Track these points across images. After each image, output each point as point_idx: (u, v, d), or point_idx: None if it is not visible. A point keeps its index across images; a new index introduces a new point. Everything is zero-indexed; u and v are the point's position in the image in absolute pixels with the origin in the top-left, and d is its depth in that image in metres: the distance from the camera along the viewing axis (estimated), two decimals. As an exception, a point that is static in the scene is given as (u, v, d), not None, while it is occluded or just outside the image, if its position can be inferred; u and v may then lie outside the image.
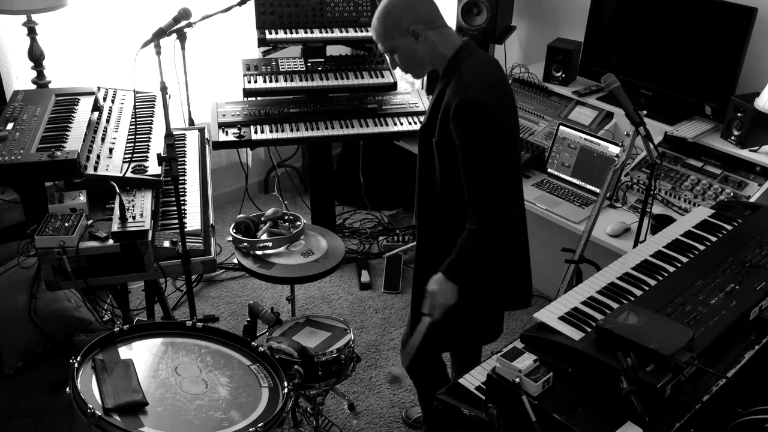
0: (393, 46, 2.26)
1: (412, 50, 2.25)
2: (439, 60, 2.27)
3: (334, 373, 2.49)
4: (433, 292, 2.25)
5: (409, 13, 2.22)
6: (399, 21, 2.21)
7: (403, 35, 2.22)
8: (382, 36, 2.28)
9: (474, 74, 2.19)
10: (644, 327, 1.64)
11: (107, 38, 3.66)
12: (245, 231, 2.86)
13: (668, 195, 3.17)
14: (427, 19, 2.23)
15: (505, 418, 1.67)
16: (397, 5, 2.23)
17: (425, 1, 2.25)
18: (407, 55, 2.27)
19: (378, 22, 2.27)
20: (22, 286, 2.97)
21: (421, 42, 2.22)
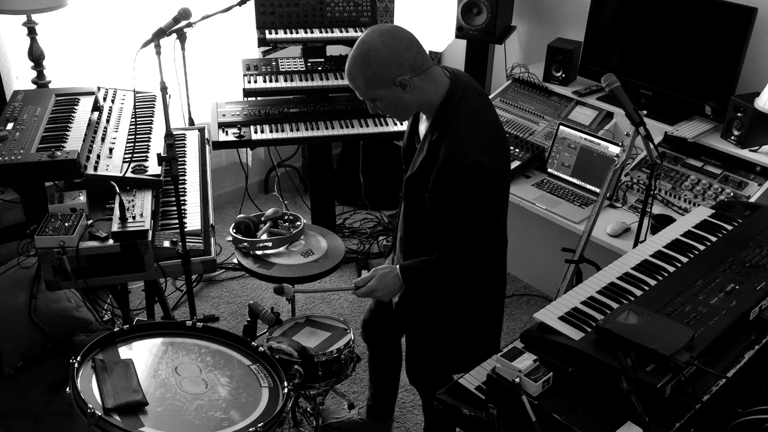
0: (376, 96, 2.07)
1: (399, 99, 2.06)
2: (427, 106, 2.10)
3: (334, 373, 2.49)
4: (380, 281, 2.20)
5: (395, 63, 2.00)
6: (383, 72, 2.00)
7: (388, 86, 2.03)
8: (362, 87, 2.06)
9: (470, 129, 2.04)
10: (644, 327, 1.64)
11: (107, 38, 3.66)
12: (245, 231, 2.86)
13: (668, 195, 3.17)
14: (413, 66, 2.02)
15: (505, 418, 1.67)
16: (379, 54, 1.99)
17: (410, 44, 2.03)
18: (392, 104, 2.08)
19: (357, 72, 2.03)
20: (22, 286, 2.97)
21: (409, 91, 2.04)
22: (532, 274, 3.94)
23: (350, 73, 2.08)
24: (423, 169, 2.11)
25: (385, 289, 2.21)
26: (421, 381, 2.56)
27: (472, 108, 2.09)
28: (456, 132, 2.04)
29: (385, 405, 2.91)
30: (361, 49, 2.03)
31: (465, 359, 2.39)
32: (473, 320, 2.35)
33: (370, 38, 2.03)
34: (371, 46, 2.01)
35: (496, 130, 2.14)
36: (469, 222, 2.08)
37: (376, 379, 2.84)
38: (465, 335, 2.37)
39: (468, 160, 2.00)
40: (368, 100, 2.12)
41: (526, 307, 3.79)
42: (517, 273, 4.02)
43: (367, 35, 2.04)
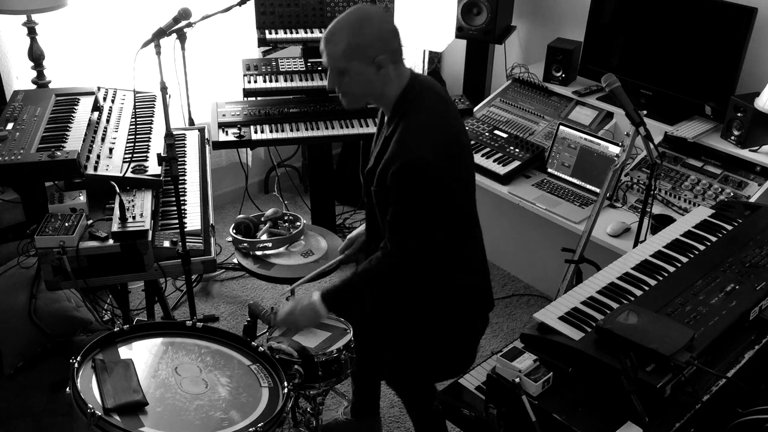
0: (348, 67, 2.01)
1: (368, 80, 2.03)
2: (385, 99, 2.09)
3: (334, 373, 2.49)
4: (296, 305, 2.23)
5: (383, 41, 1.99)
6: (369, 44, 1.97)
7: (365, 61, 1.99)
8: (338, 53, 1.99)
9: (419, 126, 2.03)
10: (644, 327, 1.64)
11: (107, 38, 3.66)
12: (245, 231, 2.86)
13: (668, 195, 3.17)
14: (393, 51, 2.02)
15: (505, 418, 1.67)
16: (374, 26, 1.98)
17: (396, 33, 2.05)
18: (358, 83, 2.04)
19: (344, 34, 1.98)
20: (22, 286, 2.97)
21: (381, 75, 2.02)
22: (532, 274, 3.94)
23: (333, 36, 1.99)
24: (377, 163, 2.12)
25: (302, 313, 2.24)
26: (398, 385, 2.57)
27: (425, 106, 2.08)
28: (405, 128, 2.03)
29: (368, 402, 2.91)
30: (356, 15, 1.99)
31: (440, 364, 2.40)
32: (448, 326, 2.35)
33: (367, 9, 2.02)
34: (371, 15, 2.00)
35: (449, 129, 2.12)
36: (401, 219, 2.08)
37: (357, 378, 2.84)
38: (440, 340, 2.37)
39: (409, 157, 1.99)
40: (334, 70, 2.04)
41: (526, 307, 3.79)
42: (517, 273, 4.02)
43: (364, 6, 2.04)
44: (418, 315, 2.34)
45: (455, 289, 2.30)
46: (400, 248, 2.12)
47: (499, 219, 3.88)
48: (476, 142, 3.69)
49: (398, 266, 2.15)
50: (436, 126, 2.07)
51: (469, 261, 2.33)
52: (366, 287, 2.21)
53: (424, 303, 2.32)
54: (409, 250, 2.12)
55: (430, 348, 2.38)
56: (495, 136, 3.71)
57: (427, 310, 2.32)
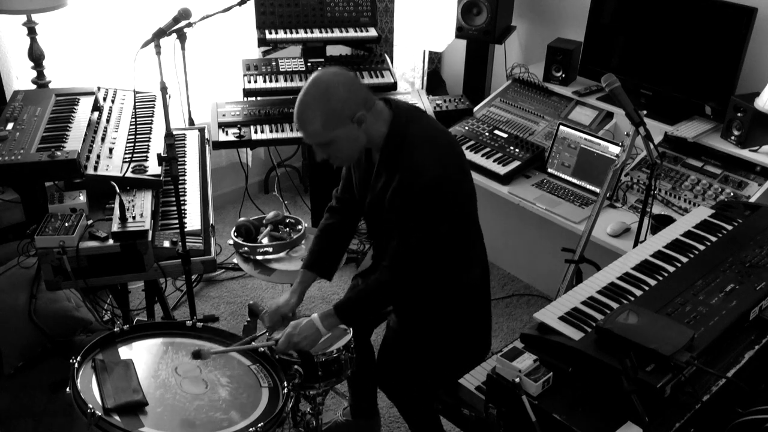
0: (333, 137, 2.00)
1: (355, 138, 2.02)
2: (376, 139, 2.08)
3: (334, 373, 2.48)
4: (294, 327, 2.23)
5: (353, 98, 1.98)
6: (342, 108, 1.96)
7: (346, 124, 1.99)
8: (318, 130, 1.98)
9: (426, 148, 2.04)
10: (644, 327, 1.64)
11: (107, 38, 3.66)
12: (246, 234, 2.85)
13: (668, 195, 3.17)
14: (366, 101, 2.01)
15: (505, 418, 1.67)
16: (338, 90, 1.97)
17: (359, 81, 2.07)
18: (348, 145, 2.05)
19: (314, 111, 1.97)
20: (22, 286, 2.97)
21: (364, 127, 2.02)
22: (532, 274, 3.94)
23: (305, 116, 2.00)
24: (384, 191, 2.11)
25: (301, 334, 2.23)
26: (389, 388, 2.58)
27: (418, 130, 2.09)
28: (408, 157, 2.04)
29: (366, 402, 2.92)
30: (317, 88, 1.99)
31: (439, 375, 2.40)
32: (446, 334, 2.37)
33: (324, 77, 2.01)
34: (328, 83, 1.99)
35: (446, 141, 2.15)
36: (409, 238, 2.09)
37: (353, 380, 2.85)
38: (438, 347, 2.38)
39: (423, 180, 2.01)
40: (320, 145, 2.06)
41: (526, 307, 3.79)
42: (517, 273, 4.02)
43: (319, 76, 2.02)
44: (422, 322, 2.36)
45: (458, 289, 2.32)
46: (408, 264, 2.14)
47: (499, 219, 3.88)
48: (476, 142, 3.69)
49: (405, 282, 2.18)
50: (436, 147, 2.09)
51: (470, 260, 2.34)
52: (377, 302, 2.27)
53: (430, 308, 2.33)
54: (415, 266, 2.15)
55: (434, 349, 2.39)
56: (495, 136, 3.71)
57: (433, 315, 2.34)
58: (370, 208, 2.24)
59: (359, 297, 2.25)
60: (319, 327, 2.24)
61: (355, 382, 2.86)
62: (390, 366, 2.51)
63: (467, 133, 3.77)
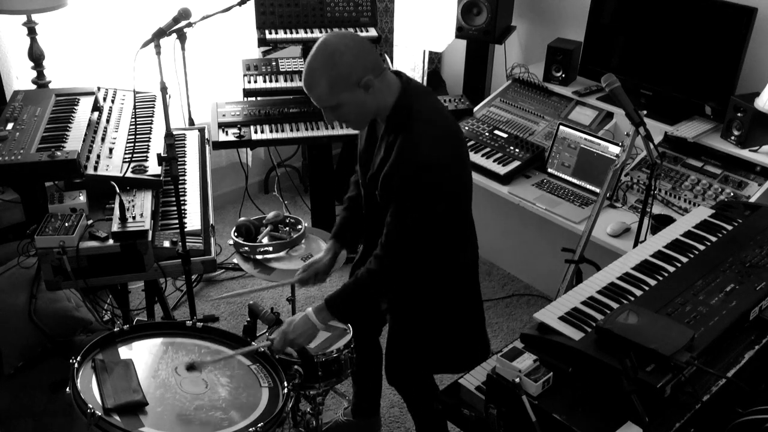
0: (339, 101, 2.02)
1: (362, 103, 2.03)
2: (383, 110, 2.08)
3: (334, 373, 2.49)
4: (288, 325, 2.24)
5: (360, 64, 1.98)
6: (349, 73, 1.97)
7: (352, 89, 1.99)
8: (324, 93, 2.00)
9: (424, 128, 2.03)
10: (644, 327, 1.64)
11: (107, 38, 3.66)
12: (246, 234, 2.85)
13: (668, 195, 3.17)
14: (374, 67, 2.01)
15: (505, 418, 1.67)
16: (344, 55, 1.97)
17: (370, 46, 2.05)
18: (356, 109, 2.05)
19: (320, 75, 1.98)
20: (22, 286, 2.97)
21: (371, 93, 2.02)
22: (532, 274, 3.94)
23: (312, 79, 2.01)
24: (381, 168, 2.11)
25: (296, 330, 2.23)
26: (399, 381, 2.57)
27: (424, 108, 2.08)
28: (408, 133, 2.04)
29: (369, 402, 2.92)
30: (323, 53, 1.99)
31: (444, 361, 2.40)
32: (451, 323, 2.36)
33: (331, 41, 2.01)
34: (335, 48, 1.99)
35: (452, 128, 2.14)
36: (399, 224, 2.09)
37: (358, 378, 2.84)
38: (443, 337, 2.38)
39: (415, 163, 2.00)
40: (327, 108, 2.07)
41: (526, 307, 3.79)
42: (517, 273, 4.02)
43: (326, 40, 2.02)
44: (420, 307, 2.35)
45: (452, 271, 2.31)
46: (397, 251, 2.13)
47: (499, 219, 3.88)
48: (476, 142, 3.69)
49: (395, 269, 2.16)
50: (438, 130, 2.08)
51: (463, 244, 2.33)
52: (368, 293, 2.23)
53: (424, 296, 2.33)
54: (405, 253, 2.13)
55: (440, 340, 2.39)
56: (495, 136, 3.71)
57: (428, 302, 2.34)
58: (368, 184, 2.22)
59: (349, 289, 2.22)
60: (314, 321, 2.22)
61: (359, 381, 2.85)
62: (395, 359, 2.50)
63: (467, 133, 3.76)
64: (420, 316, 2.36)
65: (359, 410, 2.92)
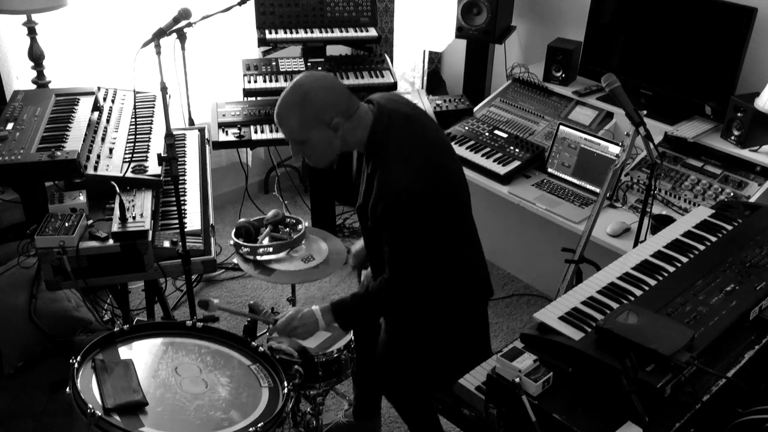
0: (307, 137, 2.07)
1: (328, 143, 2.08)
2: (354, 146, 2.14)
3: (334, 373, 2.49)
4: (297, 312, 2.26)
5: (331, 105, 2.04)
6: (319, 113, 2.03)
7: (321, 128, 2.05)
8: (294, 128, 2.06)
9: (397, 158, 2.05)
10: (644, 327, 1.64)
11: (107, 38, 3.66)
12: (246, 235, 2.85)
13: (668, 195, 3.17)
14: (346, 110, 2.06)
15: (505, 418, 1.67)
16: (317, 96, 2.03)
17: (342, 89, 2.09)
18: (321, 147, 2.10)
19: (292, 112, 2.05)
20: (22, 286, 2.97)
21: (339, 134, 2.07)
22: (532, 274, 3.94)
23: (284, 114, 2.07)
24: (366, 200, 2.15)
25: (302, 320, 2.25)
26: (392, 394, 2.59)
27: (399, 136, 2.10)
28: (384, 164, 2.07)
29: (370, 403, 2.92)
30: (298, 91, 2.05)
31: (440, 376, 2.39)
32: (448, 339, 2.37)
33: (307, 82, 2.07)
34: (309, 88, 2.05)
35: (428, 150, 2.13)
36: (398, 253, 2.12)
37: (358, 380, 2.85)
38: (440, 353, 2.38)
39: (394, 191, 2.03)
40: (295, 142, 2.11)
41: (526, 307, 3.79)
42: (517, 273, 4.02)
43: (302, 80, 2.07)
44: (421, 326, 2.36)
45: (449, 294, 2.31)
46: (401, 279, 2.15)
47: (499, 219, 3.88)
48: (476, 142, 3.69)
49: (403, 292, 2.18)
50: (412, 155, 2.09)
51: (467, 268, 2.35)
52: (374, 309, 2.28)
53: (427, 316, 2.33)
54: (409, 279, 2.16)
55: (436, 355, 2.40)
56: (495, 136, 3.71)
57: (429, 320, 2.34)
58: (358, 212, 2.25)
59: (356, 302, 2.25)
60: (318, 318, 2.24)
61: (360, 382, 2.85)
62: (387, 367, 2.51)
63: (467, 133, 3.77)
64: (420, 326, 2.37)
65: (360, 412, 2.92)
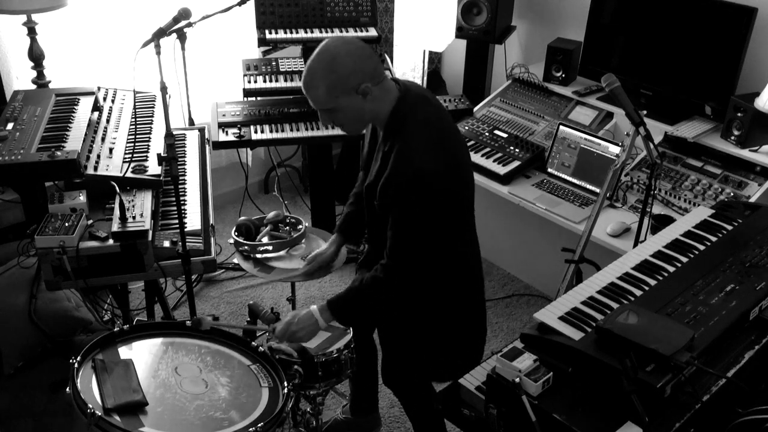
0: (336, 105, 2.04)
1: (358, 109, 2.05)
2: (380, 118, 2.11)
3: (334, 373, 2.49)
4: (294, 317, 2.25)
5: (359, 70, 2.00)
6: (346, 79, 1.99)
7: (350, 94, 2.01)
8: (322, 96, 2.03)
9: (417, 138, 2.04)
10: (644, 327, 1.64)
11: (107, 38, 3.66)
12: (246, 233, 2.85)
13: (668, 195, 3.17)
14: (373, 74, 2.02)
15: (505, 418, 1.67)
16: (343, 60, 1.99)
17: (371, 53, 2.05)
18: (352, 115, 2.07)
19: (319, 79, 2.01)
20: (22, 286, 2.97)
21: (369, 100, 2.03)
22: (532, 274, 3.94)
23: (311, 81, 2.04)
24: (377, 178, 2.13)
25: (299, 324, 2.25)
26: (396, 384, 2.58)
27: (420, 116, 2.09)
28: (403, 142, 2.05)
29: (367, 399, 2.92)
30: (324, 56, 2.03)
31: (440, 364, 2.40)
32: (448, 326, 2.36)
33: (333, 46, 2.04)
34: (336, 53, 2.02)
35: (446, 136, 2.13)
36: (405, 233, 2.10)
37: (355, 377, 2.85)
38: (440, 341, 2.38)
39: (412, 170, 2.01)
40: (324, 111, 2.09)
41: (526, 307, 3.79)
42: (517, 273, 4.02)
43: (328, 44, 2.05)
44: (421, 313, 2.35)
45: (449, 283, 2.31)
46: (403, 261, 2.14)
47: (499, 219, 3.88)
48: (476, 142, 3.69)
49: (401, 279, 2.17)
50: (433, 136, 2.08)
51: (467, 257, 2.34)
52: (371, 299, 2.24)
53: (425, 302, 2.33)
54: (410, 262, 2.15)
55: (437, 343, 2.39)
56: (495, 136, 3.71)
57: (428, 308, 2.34)
58: (367, 191, 2.23)
59: (352, 295, 2.23)
60: (317, 318, 2.24)
61: (356, 380, 2.86)
62: (392, 361, 2.50)
63: (467, 133, 3.77)
64: (421, 319, 2.36)
65: (357, 408, 2.92)
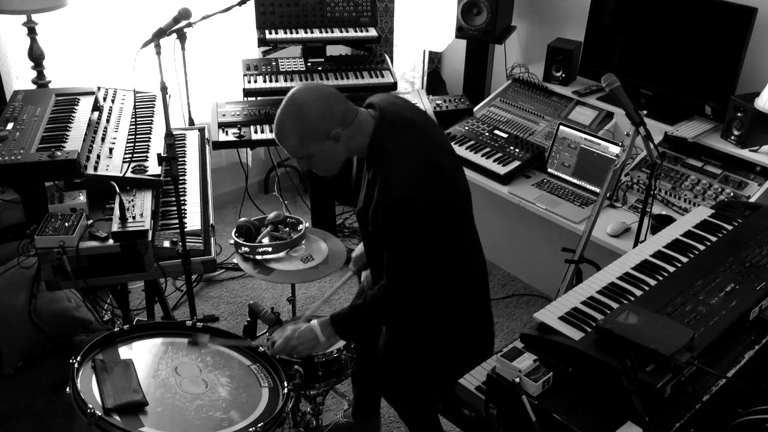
0: (309, 152, 2.07)
1: (333, 153, 2.08)
2: (357, 152, 2.14)
3: (334, 373, 2.49)
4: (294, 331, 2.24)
5: (328, 116, 2.02)
6: (316, 127, 2.02)
7: (322, 141, 2.04)
8: (295, 145, 2.06)
9: (398, 165, 2.04)
10: (644, 327, 1.64)
11: (107, 38, 3.66)
12: (246, 234, 2.85)
13: (668, 195, 3.17)
14: (343, 119, 2.05)
15: (505, 418, 1.67)
16: (311, 109, 2.02)
17: (338, 98, 2.06)
18: (326, 159, 2.10)
19: (290, 129, 2.04)
20: (22, 286, 2.97)
21: (341, 143, 2.06)
22: (532, 274, 3.94)
23: (282, 132, 2.06)
24: (366, 205, 2.14)
25: (299, 339, 2.23)
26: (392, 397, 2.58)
27: (399, 142, 2.08)
28: (385, 170, 2.06)
29: (369, 404, 2.91)
30: (291, 107, 2.04)
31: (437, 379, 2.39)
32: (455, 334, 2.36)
33: (299, 95, 2.05)
34: (303, 101, 2.04)
35: (429, 155, 2.10)
36: (398, 260, 2.11)
37: (357, 380, 2.85)
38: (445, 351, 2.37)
39: (394, 198, 2.02)
40: (301, 159, 2.12)
41: (526, 307, 3.79)
42: (517, 273, 4.02)
43: (295, 93, 2.06)
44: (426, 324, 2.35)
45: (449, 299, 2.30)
46: (401, 280, 2.14)
47: (499, 219, 3.88)
48: (476, 142, 3.69)
49: (401, 298, 2.18)
50: (415, 158, 2.07)
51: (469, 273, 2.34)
52: (374, 318, 2.26)
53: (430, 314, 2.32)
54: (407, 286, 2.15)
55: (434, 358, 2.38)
56: (495, 136, 3.71)
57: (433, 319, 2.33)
58: (358, 217, 2.24)
59: (355, 313, 2.23)
60: (318, 334, 2.22)
61: (359, 383, 2.85)
62: (387, 370, 2.51)
63: (467, 133, 3.77)
64: (426, 329, 2.35)
65: (359, 412, 2.92)
